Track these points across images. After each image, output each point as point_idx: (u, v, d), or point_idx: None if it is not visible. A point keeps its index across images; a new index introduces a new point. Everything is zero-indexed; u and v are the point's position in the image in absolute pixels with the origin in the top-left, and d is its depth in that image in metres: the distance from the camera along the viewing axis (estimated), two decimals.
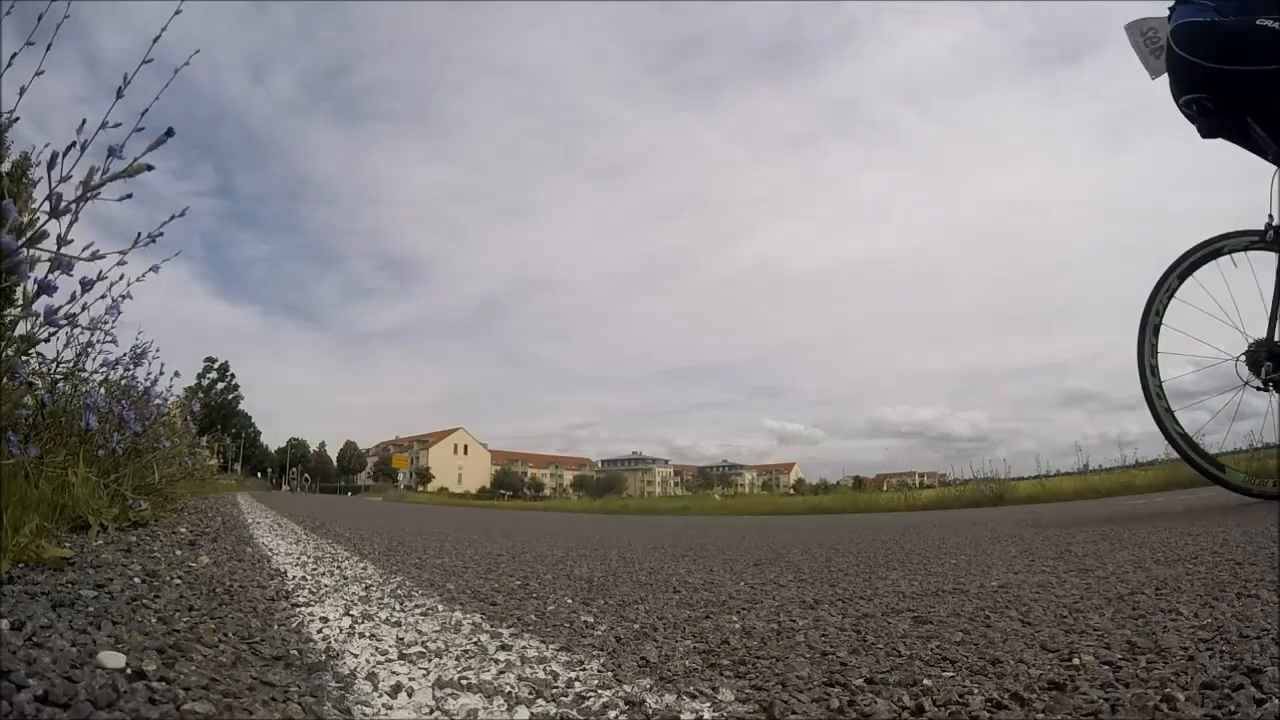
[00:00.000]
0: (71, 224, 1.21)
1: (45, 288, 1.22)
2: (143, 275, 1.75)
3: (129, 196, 1.25)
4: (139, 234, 1.31)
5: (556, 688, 1.05)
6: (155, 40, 1.28)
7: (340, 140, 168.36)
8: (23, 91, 1.27)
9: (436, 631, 1.42)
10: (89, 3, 1.33)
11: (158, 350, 3.41)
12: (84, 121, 1.19)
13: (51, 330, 1.45)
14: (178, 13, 1.33)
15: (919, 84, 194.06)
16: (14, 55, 1.25)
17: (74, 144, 1.18)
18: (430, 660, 1.18)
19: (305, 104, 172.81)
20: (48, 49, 1.28)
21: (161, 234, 1.34)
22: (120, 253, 1.35)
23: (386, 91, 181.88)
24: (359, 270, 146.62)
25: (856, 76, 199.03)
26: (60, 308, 1.40)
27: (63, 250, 1.20)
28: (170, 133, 1.21)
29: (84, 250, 1.27)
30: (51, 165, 1.16)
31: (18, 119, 1.28)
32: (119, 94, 1.22)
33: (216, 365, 47.21)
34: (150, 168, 1.21)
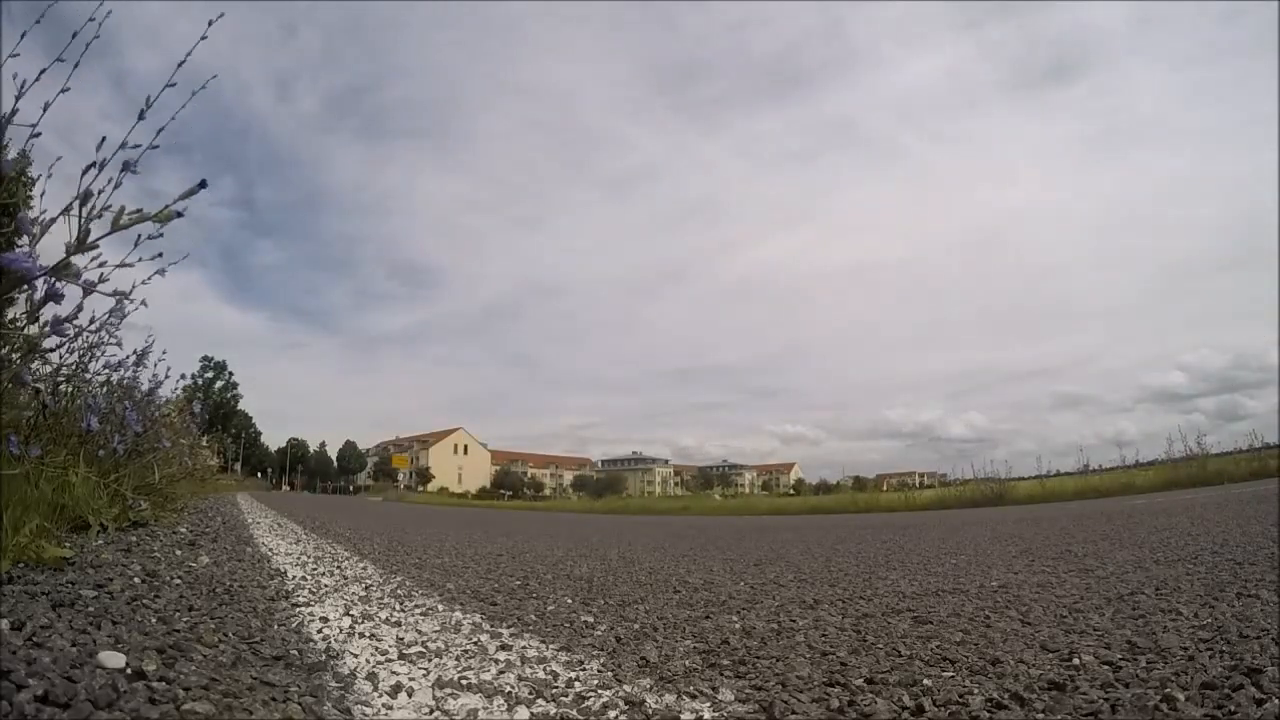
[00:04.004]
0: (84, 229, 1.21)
1: (52, 295, 1.20)
2: (149, 278, 1.74)
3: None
4: (139, 236, 1.30)
5: (556, 688, 1.05)
6: (200, 69, 1.31)
7: (360, 155, 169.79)
8: (46, 107, 1.28)
9: (436, 631, 1.43)
10: (119, 20, 1.34)
11: (164, 354, 3.39)
12: (120, 164, 1.21)
13: (59, 341, 1.45)
14: (204, 37, 1.35)
15: (915, 104, 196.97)
16: (42, 71, 1.26)
17: (116, 184, 1.20)
18: (430, 660, 1.19)
19: (328, 121, 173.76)
20: (75, 66, 1.29)
21: (161, 234, 1.34)
22: (125, 264, 1.36)
23: (407, 110, 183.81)
24: (371, 277, 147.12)
25: (854, 98, 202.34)
26: (75, 319, 1.40)
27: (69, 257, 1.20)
28: (203, 184, 1.21)
29: (91, 261, 1.27)
30: (85, 201, 1.16)
31: (15, 114, 1.28)
32: (141, 115, 1.23)
33: (213, 364, 47.16)
34: (180, 214, 1.21)
